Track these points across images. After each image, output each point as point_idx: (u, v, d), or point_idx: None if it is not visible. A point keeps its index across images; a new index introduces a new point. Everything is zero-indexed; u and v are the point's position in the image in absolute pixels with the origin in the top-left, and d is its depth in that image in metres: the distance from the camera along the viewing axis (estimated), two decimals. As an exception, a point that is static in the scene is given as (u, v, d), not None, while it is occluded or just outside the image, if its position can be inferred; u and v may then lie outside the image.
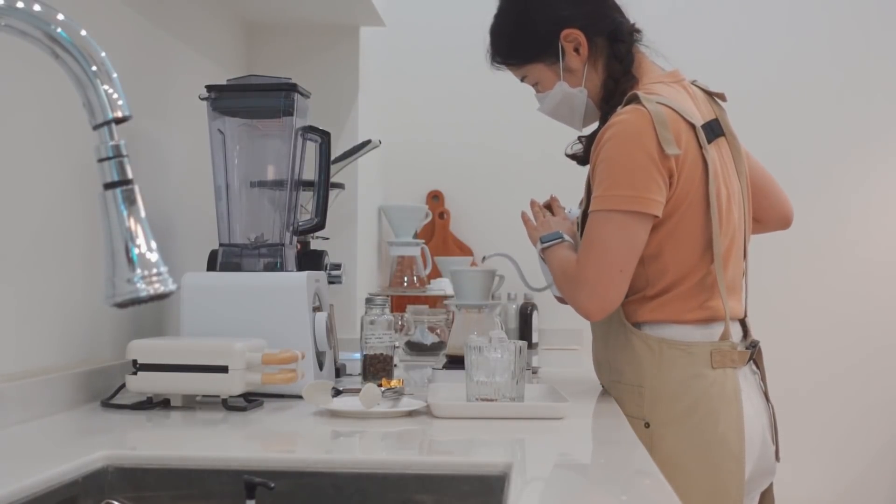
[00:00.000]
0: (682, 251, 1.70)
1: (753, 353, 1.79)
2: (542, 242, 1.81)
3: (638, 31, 1.84)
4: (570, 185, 2.08)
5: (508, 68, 1.90)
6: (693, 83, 1.84)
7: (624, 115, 1.68)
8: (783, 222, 1.99)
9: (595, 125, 1.87)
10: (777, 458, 1.81)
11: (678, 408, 1.68)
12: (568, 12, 1.80)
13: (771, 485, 1.83)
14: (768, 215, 1.95)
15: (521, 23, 1.85)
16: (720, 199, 1.71)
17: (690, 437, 1.67)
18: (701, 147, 1.68)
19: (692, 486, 1.62)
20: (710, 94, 1.85)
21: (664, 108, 1.66)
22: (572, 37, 1.79)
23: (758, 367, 1.82)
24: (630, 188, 1.63)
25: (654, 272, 1.71)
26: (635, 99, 1.69)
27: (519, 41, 1.86)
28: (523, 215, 1.92)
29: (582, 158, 1.87)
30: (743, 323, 1.82)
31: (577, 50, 1.80)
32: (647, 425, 1.68)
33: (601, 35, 1.80)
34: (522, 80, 1.90)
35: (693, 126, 1.69)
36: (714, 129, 1.76)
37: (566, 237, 1.80)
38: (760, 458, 1.74)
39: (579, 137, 1.91)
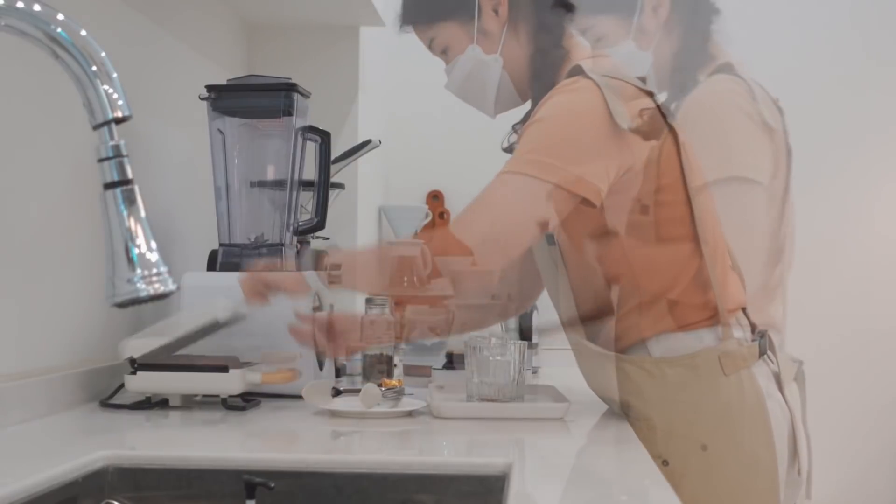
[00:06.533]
0: (672, 242, 1.50)
1: (764, 344, 1.55)
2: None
3: (571, 4, 1.62)
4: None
5: (416, 31, 1.69)
6: None
7: (568, 88, 1.47)
8: None
9: (516, 111, 1.69)
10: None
11: (696, 435, 1.47)
12: None
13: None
14: None
15: None
16: (695, 173, 1.49)
17: (717, 469, 1.47)
18: (665, 116, 1.48)
19: None
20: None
21: (613, 80, 1.45)
22: None
23: (773, 357, 1.59)
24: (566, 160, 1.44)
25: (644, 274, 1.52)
26: (579, 71, 1.49)
27: None
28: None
29: None
30: (745, 312, 1.59)
31: (496, 11, 1.61)
32: (666, 463, 1.45)
33: None
34: (430, 45, 1.69)
35: (652, 94, 1.49)
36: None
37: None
38: (791, 462, 1.58)
39: (514, 126, 1.70)
